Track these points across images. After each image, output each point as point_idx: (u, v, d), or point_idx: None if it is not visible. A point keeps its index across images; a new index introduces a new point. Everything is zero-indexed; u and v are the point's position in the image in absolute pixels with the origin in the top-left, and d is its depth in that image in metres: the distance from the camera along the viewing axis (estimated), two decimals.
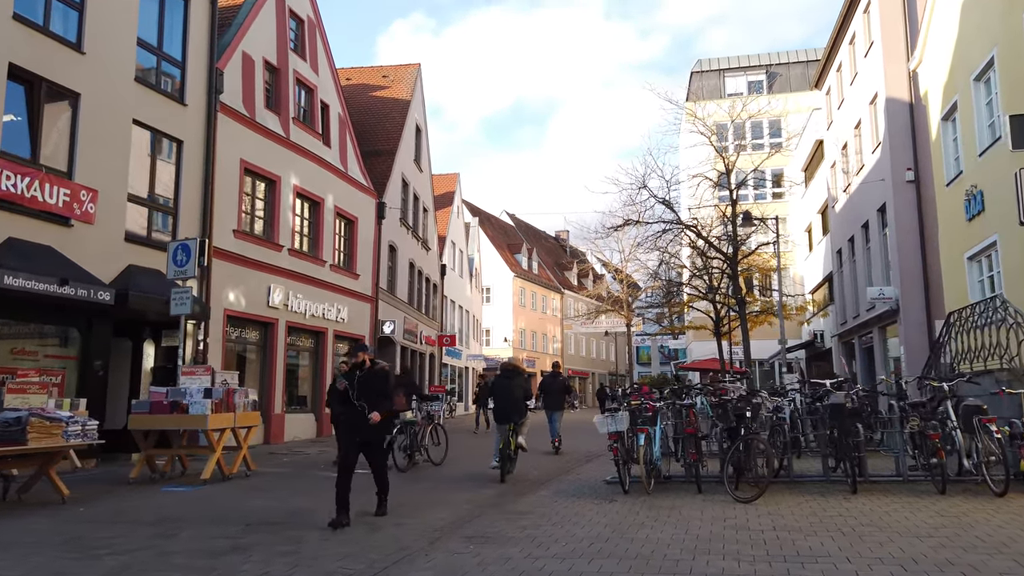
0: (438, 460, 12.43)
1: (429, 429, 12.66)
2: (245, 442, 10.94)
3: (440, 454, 12.71)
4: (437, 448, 12.79)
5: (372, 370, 7.46)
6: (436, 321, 32.70)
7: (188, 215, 14.55)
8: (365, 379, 7.36)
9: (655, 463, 8.66)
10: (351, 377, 7.42)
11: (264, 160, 17.16)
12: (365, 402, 7.20)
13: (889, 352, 21.94)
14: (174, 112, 14.39)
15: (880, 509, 7.07)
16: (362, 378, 7.36)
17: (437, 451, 12.76)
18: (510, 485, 9.90)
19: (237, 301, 16.06)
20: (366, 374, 7.41)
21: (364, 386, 7.30)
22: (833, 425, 8.28)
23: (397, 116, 26.73)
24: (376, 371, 7.49)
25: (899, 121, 20.12)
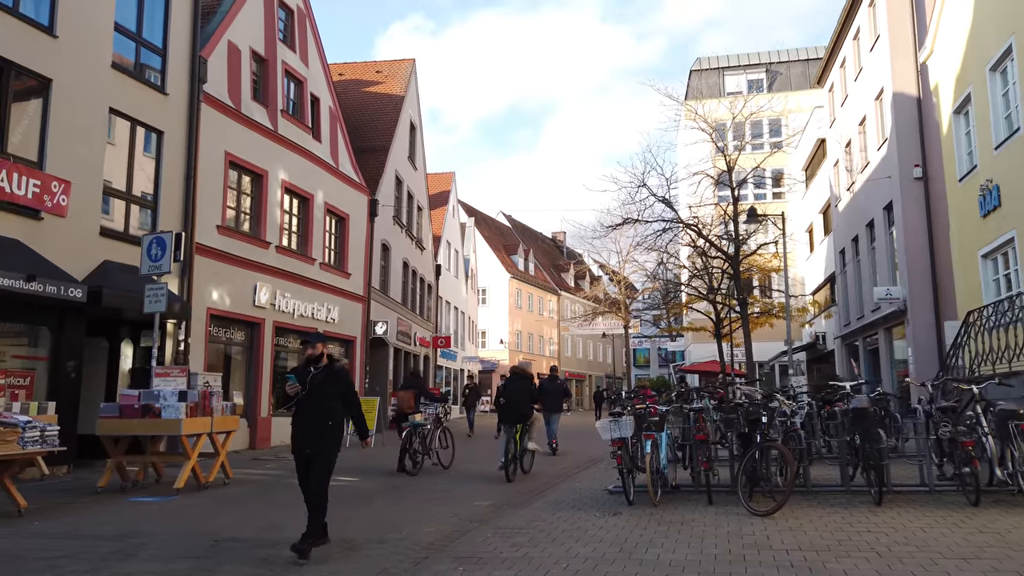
0: (447, 463, 12.18)
1: (438, 432, 12.44)
2: (223, 448, 10.27)
3: (448, 457, 12.44)
4: (445, 451, 12.52)
5: (331, 369, 6.10)
6: (431, 322, 32.03)
7: (169, 209, 13.88)
8: (322, 380, 5.97)
9: (662, 472, 8.01)
10: (303, 376, 6.02)
11: (250, 153, 16.50)
12: (321, 409, 5.92)
13: (895, 354, 21.36)
14: (154, 101, 13.73)
15: (912, 524, 6.44)
16: (318, 378, 5.97)
17: (445, 454, 12.49)
18: (506, 496, 9.25)
19: (221, 300, 15.38)
20: (323, 373, 6.01)
21: (321, 390, 5.94)
22: (855, 431, 7.65)
23: (391, 112, 26.08)
24: (336, 371, 6.16)
25: (906, 116, 19.56)
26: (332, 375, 6.06)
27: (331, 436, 5.94)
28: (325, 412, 5.93)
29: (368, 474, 11.86)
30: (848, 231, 24.98)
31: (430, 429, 12.16)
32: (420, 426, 11.81)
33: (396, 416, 12.39)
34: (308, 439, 5.89)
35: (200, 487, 9.81)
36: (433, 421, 12.36)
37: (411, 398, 12.34)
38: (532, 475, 11.40)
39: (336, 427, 5.99)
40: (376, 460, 14.17)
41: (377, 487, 10.23)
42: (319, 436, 5.89)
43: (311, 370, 6.02)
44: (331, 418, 5.95)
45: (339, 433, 6.01)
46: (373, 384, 23.20)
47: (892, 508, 7.18)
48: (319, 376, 5.99)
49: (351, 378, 6.46)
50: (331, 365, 6.14)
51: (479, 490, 9.83)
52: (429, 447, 12.03)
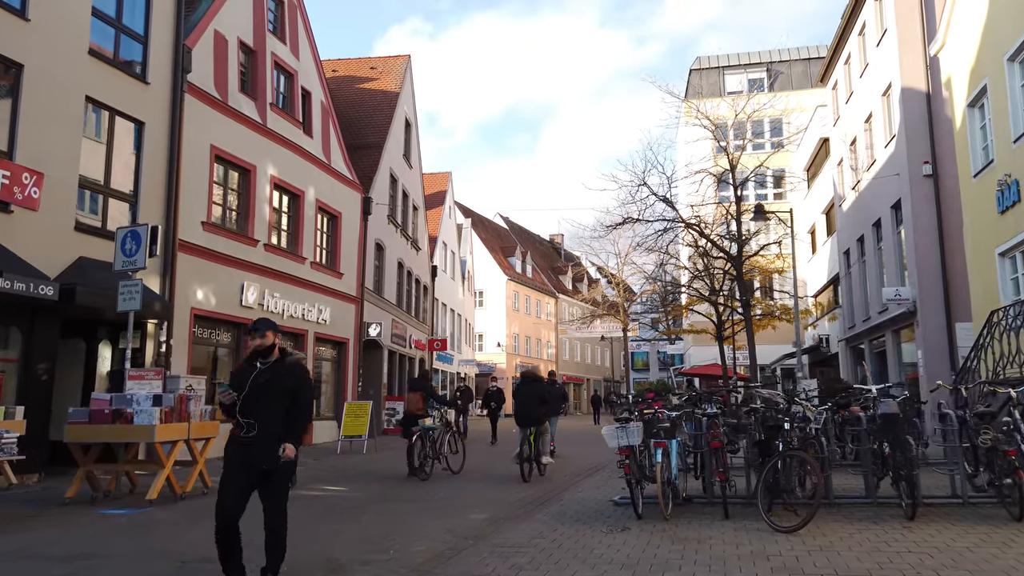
0: (457, 468, 11.99)
1: (448, 436, 12.33)
2: (202, 456, 9.61)
3: (458, 462, 12.22)
4: (455, 456, 12.32)
5: (282, 364, 4.85)
6: (426, 324, 31.38)
7: (150, 204, 13.23)
8: (269, 378, 4.73)
9: (673, 482, 7.38)
10: (244, 376, 4.78)
11: (238, 147, 15.86)
12: (266, 413, 4.69)
13: (903, 357, 20.77)
14: (135, 90, 13.09)
15: (956, 543, 5.81)
16: (264, 376, 4.73)
17: (455, 459, 12.27)
18: (504, 508, 8.60)
19: (206, 299, 14.72)
20: (271, 370, 4.78)
21: (267, 391, 4.71)
22: (883, 438, 7.03)
23: (385, 109, 25.46)
24: (288, 366, 4.87)
25: (915, 112, 19.01)
26: (281, 371, 4.79)
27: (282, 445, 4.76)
28: (274, 420, 4.72)
29: (358, 482, 11.22)
30: (853, 231, 24.42)
31: (439, 433, 12.00)
32: (430, 430, 11.64)
33: (404, 419, 12.15)
34: (255, 454, 4.68)
35: (176, 497, 9.15)
36: (443, 425, 12.22)
37: (419, 400, 12.19)
38: (532, 483, 10.77)
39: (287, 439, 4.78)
40: (368, 466, 13.54)
41: (367, 497, 9.59)
42: (268, 450, 4.67)
43: (257, 366, 4.79)
44: (280, 425, 4.78)
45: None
46: (367, 388, 22.53)
47: (927, 523, 6.56)
48: (265, 374, 4.74)
49: (307, 376, 5.07)
50: (282, 360, 4.86)
51: (476, 500, 9.19)
52: (439, 451, 11.80)
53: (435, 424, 11.92)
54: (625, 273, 43.49)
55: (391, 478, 11.83)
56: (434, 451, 11.63)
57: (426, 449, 11.39)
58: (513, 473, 11.46)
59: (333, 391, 20.42)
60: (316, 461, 14.56)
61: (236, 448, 4.77)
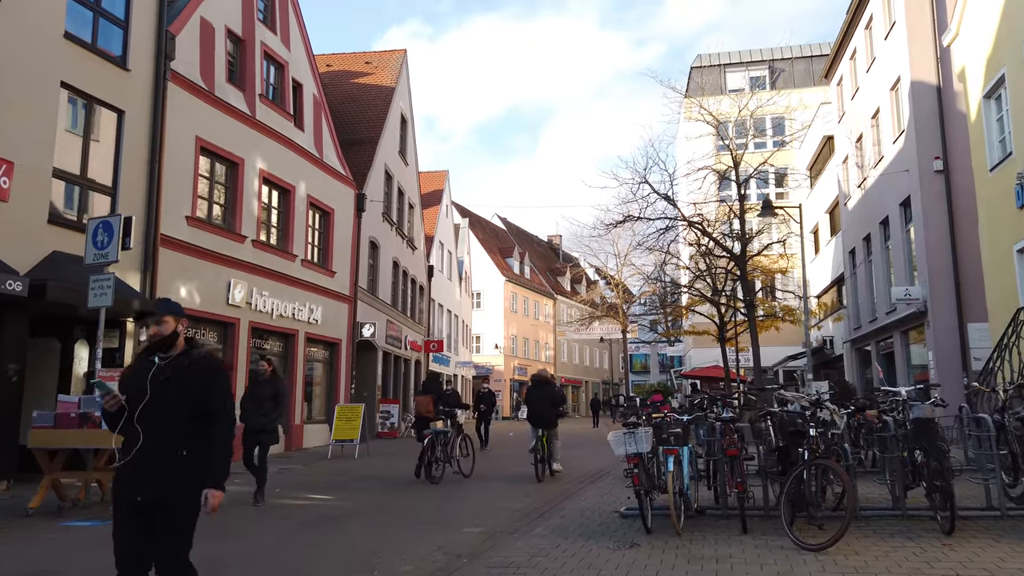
0: (467, 472, 11.94)
1: (459, 440, 12.30)
2: None
3: (469, 465, 12.19)
4: (466, 459, 12.32)
5: (188, 358, 3.51)
6: (422, 325, 30.75)
7: (130, 197, 12.59)
8: (170, 376, 3.43)
9: (685, 493, 6.77)
10: (138, 377, 3.47)
11: (225, 139, 15.24)
12: (158, 422, 3.37)
13: (912, 359, 20.20)
14: (114, 77, 12.46)
15: (1007, 564, 5.20)
16: (164, 373, 3.43)
17: (466, 462, 12.25)
18: (502, 519, 7.98)
19: (190, 297, 14.09)
20: (174, 367, 3.46)
21: (166, 393, 3.40)
22: (916, 445, 6.43)
23: (380, 104, 24.85)
24: (196, 361, 3.53)
25: (925, 106, 18.46)
26: (188, 368, 3.44)
27: (186, 474, 3.36)
28: (176, 432, 3.37)
29: (347, 490, 10.59)
30: (859, 230, 23.88)
31: (451, 436, 12.00)
32: (442, 433, 11.66)
33: (416, 422, 12.35)
34: (141, 478, 3.32)
35: None
36: (455, 428, 12.22)
37: (430, 403, 12.38)
38: (534, 491, 10.16)
39: (193, 459, 3.39)
40: (360, 472, 12.90)
41: (355, 507, 8.97)
42: (162, 473, 3.32)
43: (154, 361, 3.47)
44: (186, 443, 3.39)
45: (198, 468, 3.39)
46: (360, 390, 21.89)
47: (967, 539, 5.96)
48: (165, 371, 3.42)
49: (223, 375, 3.63)
50: (189, 352, 3.53)
51: (472, 511, 8.57)
52: (450, 455, 11.81)
53: (447, 427, 12.01)
54: (624, 274, 42.94)
55: (382, 485, 11.21)
56: (445, 454, 11.62)
57: (437, 452, 11.37)
58: (515, 477, 11.50)
59: (325, 393, 19.78)
60: (305, 467, 13.93)
61: (125, 478, 3.39)
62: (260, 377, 9.60)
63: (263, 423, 9.14)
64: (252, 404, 9.26)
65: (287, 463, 14.47)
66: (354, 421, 15.91)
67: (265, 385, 9.40)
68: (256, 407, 9.20)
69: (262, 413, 9.14)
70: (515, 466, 13.86)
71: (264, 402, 9.21)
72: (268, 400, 9.23)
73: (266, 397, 9.23)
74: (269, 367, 9.71)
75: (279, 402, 9.35)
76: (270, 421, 9.18)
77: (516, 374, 51.74)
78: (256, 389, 9.42)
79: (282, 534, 7.27)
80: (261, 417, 9.13)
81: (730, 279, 26.99)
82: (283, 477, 12.21)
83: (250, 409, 9.23)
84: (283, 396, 9.50)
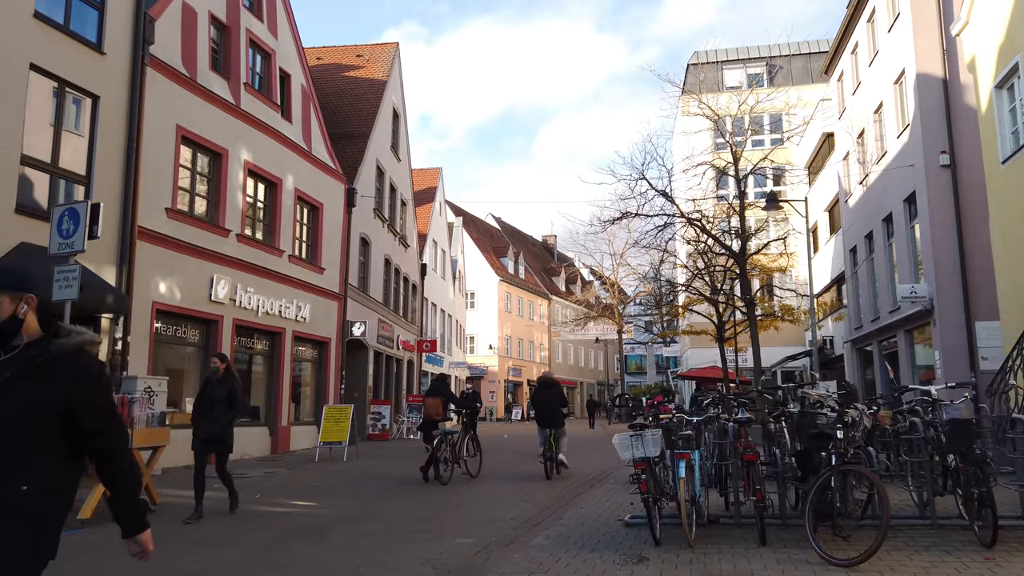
0: (475, 472, 11.88)
1: (467, 439, 12.15)
2: (149, 468, 8.36)
3: (476, 465, 12.10)
4: (473, 459, 12.18)
5: (42, 351, 2.29)
6: (415, 325, 30.12)
7: (105, 187, 11.96)
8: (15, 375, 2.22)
9: (697, 501, 6.21)
10: None
11: (207, 129, 14.61)
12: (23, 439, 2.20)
13: (917, 359, 19.72)
14: (88, 60, 11.83)
15: None
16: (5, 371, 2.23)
17: (473, 462, 12.13)
18: (497, 528, 7.39)
19: (170, 293, 13.46)
20: (19, 362, 2.25)
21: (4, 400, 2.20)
22: (951, 449, 5.88)
23: (372, 98, 24.24)
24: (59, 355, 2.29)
25: (931, 99, 17.98)
26: (41, 367, 2.26)
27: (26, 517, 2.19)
28: (13, 453, 2.20)
29: (332, 496, 9.98)
30: (861, 227, 23.39)
31: (459, 437, 11.90)
32: (451, 433, 11.58)
33: (424, 424, 12.16)
34: None
35: (154, 506, 7.89)
36: (462, 429, 12.20)
37: (439, 405, 12.10)
38: (529, 496, 9.58)
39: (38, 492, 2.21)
40: (347, 476, 12.27)
41: (339, 515, 8.36)
42: None
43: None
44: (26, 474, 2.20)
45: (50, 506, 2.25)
46: (351, 390, 21.27)
47: (1012, 551, 5.41)
48: (8, 368, 2.25)
49: (105, 376, 2.54)
50: (45, 343, 2.33)
51: (465, 518, 7.98)
52: (458, 455, 11.69)
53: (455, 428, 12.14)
54: (620, 274, 42.43)
55: (370, 490, 10.61)
56: (454, 455, 11.47)
57: (445, 453, 11.22)
58: (513, 479, 11.42)
59: (314, 394, 19.15)
60: (290, 471, 13.30)
61: None
62: (213, 376, 8.28)
63: (213, 431, 7.86)
64: (202, 408, 8.02)
65: (272, 467, 13.85)
66: (343, 423, 15.29)
67: (218, 386, 8.06)
68: (206, 412, 7.93)
69: (212, 419, 7.86)
70: (514, 467, 13.31)
71: (216, 405, 7.92)
72: (220, 403, 7.94)
73: (218, 400, 7.95)
74: (222, 365, 8.22)
75: (234, 405, 8.01)
76: (221, 429, 7.91)
77: (510, 375, 51.16)
78: (208, 391, 8.13)
79: (259, 546, 6.66)
80: (211, 424, 7.85)
81: (728, 277, 26.55)
82: (267, 482, 11.60)
83: (199, 414, 8.01)
84: (238, 399, 8.12)
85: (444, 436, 11.33)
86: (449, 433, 11.58)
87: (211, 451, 7.97)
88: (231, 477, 8.31)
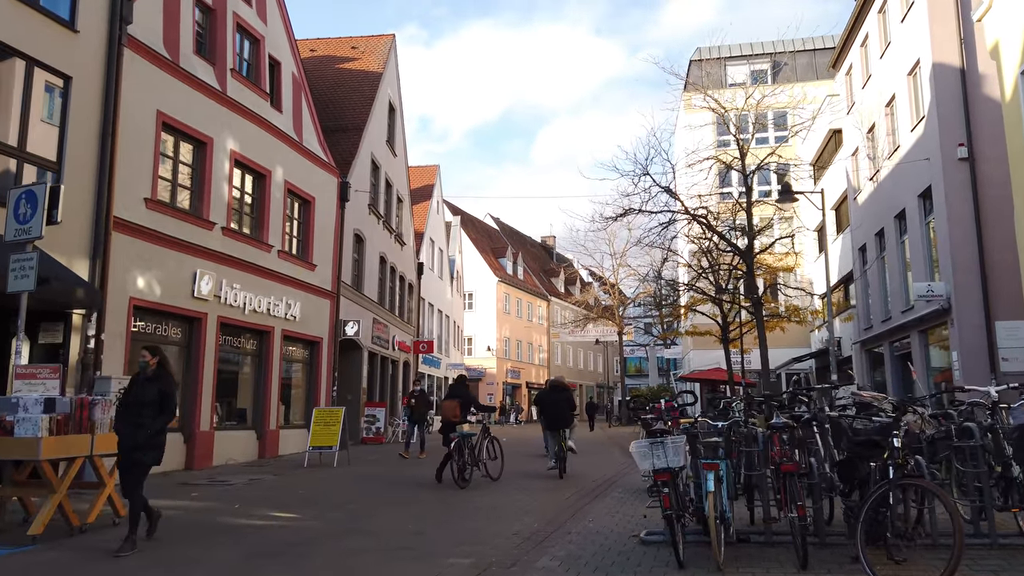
0: (496, 475, 11.72)
1: (486, 442, 12.03)
2: (111, 477, 7.56)
3: (497, 468, 11.87)
4: (494, 462, 11.98)
5: None
6: (412, 325, 29.33)
7: (78, 174, 11.18)
8: None
9: (727, 517, 5.45)
10: None
11: (191, 116, 13.83)
12: None
13: (932, 360, 18.98)
14: (59, 38, 11.05)
15: None
16: None
17: (494, 465, 11.91)
18: (497, 546, 6.62)
19: (149, 288, 12.67)
20: None
21: None
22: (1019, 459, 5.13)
23: (367, 90, 23.48)
24: None
25: (948, 90, 17.26)
26: None
27: None
28: None
29: (317, 506, 9.18)
30: (871, 225, 22.65)
31: (478, 439, 11.73)
32: (469, 436, 11.44)
33: (443, 426, 12.10)
34: None
35: (73, 531, 7.10)
36: (481, 431, 12.10)
37: (456, 407, 12.00)
38: (531, 508, 8.80)
39: None
40: (335, 484, 11.46)
41: (322, 528, 7.58)
42: None
43: None
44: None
45: None
46: (344, 392, 20.48)
47: None
48: None
49: None
50: None
51: (461, 533, 7.21)
52: (478, 458, 11.55)
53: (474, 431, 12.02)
54: (620, 274, 41.66)
55: (359, 500, 9.82)
56: (473, 457, 11.34)
57: (464, 456, 11.05)
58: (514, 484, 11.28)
59: (304, 396, 18.35)
60: (276, 477, 12.51)
61: None
62: (142, 373, 6.68)
63: (138, 438, 6.35)
64: (127, 411, 6.53)
65: (258, 472, 13.06)
66: (333, 426, 14.50)
67: (147, 385, 6.56)
68: (132, 416, 6.45)
69: (138, 424, 6.37)
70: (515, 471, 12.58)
71: (144, 408, 6.43)
72: (150, 407, 6.44)
73: (148, 402, 6.45)
74: (153, 359, 6.66)
75: (164, 408, 6.53)
76: (148, 436, 6.39)
77: (509, 377, 50.38)
78: (136, 391, 6.60)
79: (220, 567, 5.89)
80: (137, 429, 6.37)
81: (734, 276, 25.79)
82: (249, 490, 10.80)
83: (124, 420, 6.54)
84: (170, 400, 6.59)
85: (462, 439, 11.15)
86: (468, 436, 11.42)
87: (135, 462, 6.43)
88: (145, 502, 6.58)
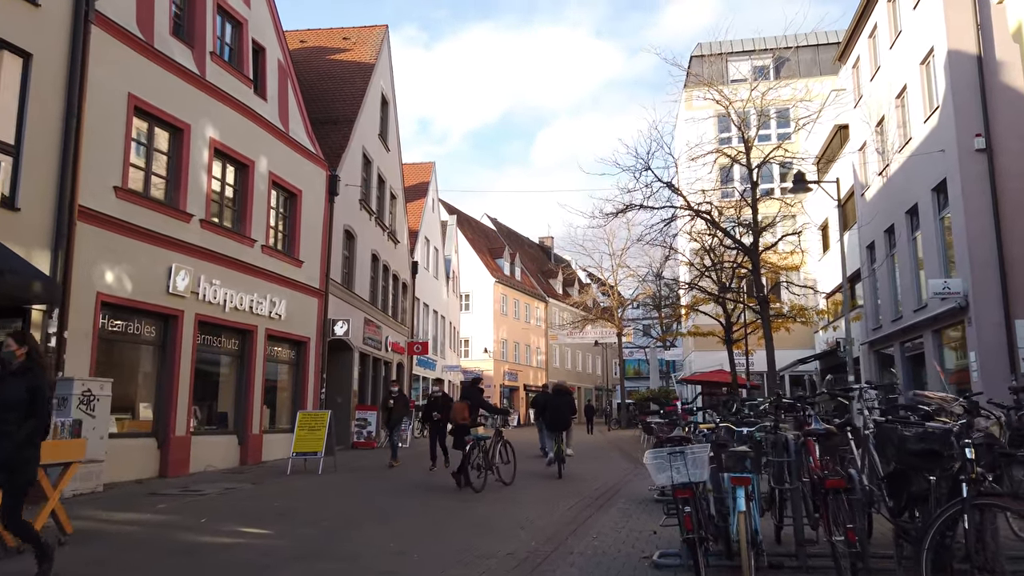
0: (509, 479, 11.54)
1: (499, 446, 11.77)
2: (56, 490, 6.71)
3: (510, 473, 11.68)
4: (507, 466, 11.74)
5: None
6: (405, 326, 28.48)
7: (38, 159, 10.34)
8: None
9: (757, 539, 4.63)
10: None
11: (166, 100, 13.01)
12: None
13: (946, 361, 18.19)
14: (19, 12, 10.23)
15: None
16: None
17: (506, 469, 11.67)
18: (491, 568, 5.79)
19: (119, 283, 11.83)
20: None
21: None
22: None
23: (359, 81, 22.67)
24: None
25: (964, 78, 16.49)
26: None
27: None
28: None
29: (291, 520, 8.30)
30: (880, 221, 21.87)
31: (491, 443, 11.56)
32: (483, 439, 11.37)
33: (454, 429, 11.91)
34: None
35: (8, 552, 6.25)
36: (494, 435, 11.91)
37: (465, 409, 11.82)
38: (526, 522, 7.97)
39: None
40: (316, 494, 10.55)
41: (292, 548, 6.74)
42: None
43: None
44: None
45: None
46: (333, 395, 19.62)
47: None
48: None
49: None
50: None
51: (451, 553, 6.38)
52: (492, 462, 11.37)
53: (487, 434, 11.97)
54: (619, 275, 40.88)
55: (339, 512, 8.95)
56: (487, 461, 11.18)
57: (477, 459, 10.95)
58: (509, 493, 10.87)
59: (291, 399, 17.49)
60: (254, 486, 11.64)
61: None
62: (8, 366, 5.24)
63: (5, 451, 4.95)
64: None
65: (236, 481, 12.20)
66: (318, 431, 13.66)
67: (13, 381, 5.13)
68: None
69: (3, 432, 4.97)
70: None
71: (8, 413, 5.01)
72: (15, 409, 5.03)
73: (12, 403, 5.04)
74: (20, 350, 5.24)
75: (35, 410, 5.10)
76: (14, 448, 4.97)
77: (506, 379, 49.52)
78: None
79: None
80: (1, 440, 4.97)
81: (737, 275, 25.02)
82: (221, 501, 9.94)
83: None
84: (43, 399, 5.17)
85: (476, 442, 11.10)
86: (481, 439, 11.35)
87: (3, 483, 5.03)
88: (29, 527, 5.26)
